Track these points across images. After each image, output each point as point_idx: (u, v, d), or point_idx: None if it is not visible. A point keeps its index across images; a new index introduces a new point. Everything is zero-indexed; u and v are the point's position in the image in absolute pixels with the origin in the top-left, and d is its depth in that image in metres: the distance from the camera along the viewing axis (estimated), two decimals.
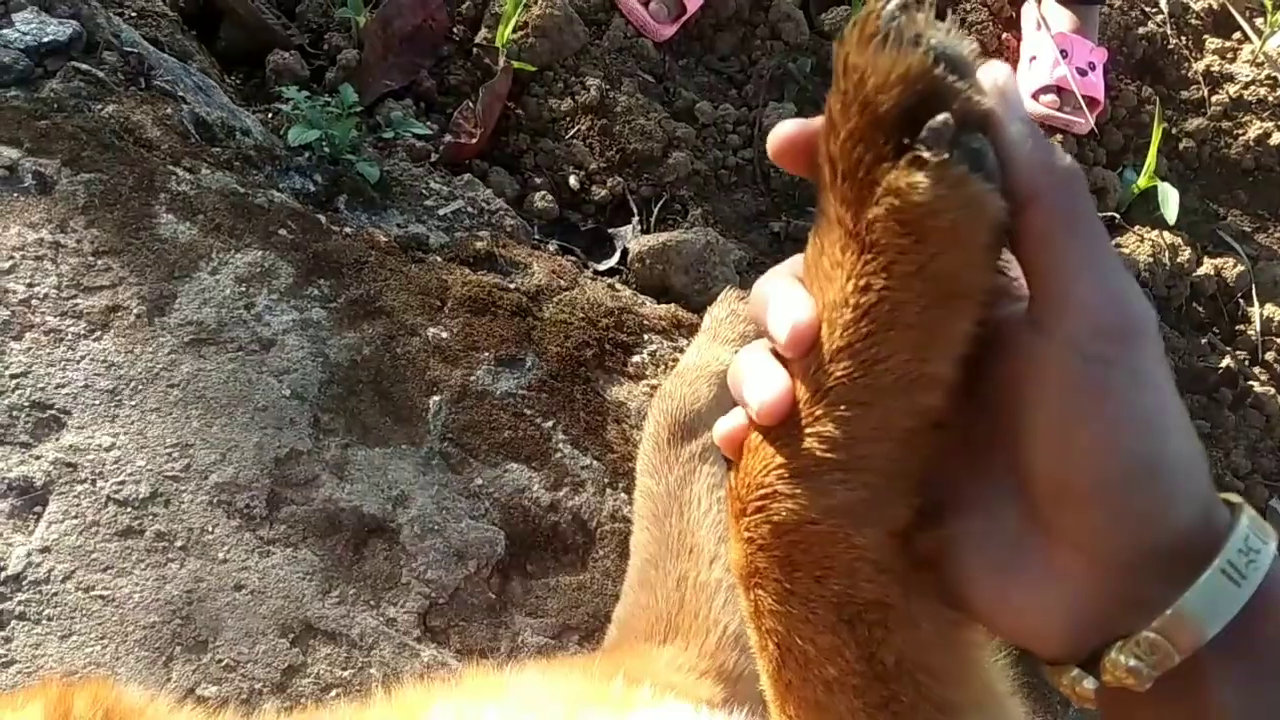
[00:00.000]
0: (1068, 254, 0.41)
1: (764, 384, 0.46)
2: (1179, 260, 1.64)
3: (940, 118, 0.40)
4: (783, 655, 0.48)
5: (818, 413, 0.45)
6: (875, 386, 0.44)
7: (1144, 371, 0.40)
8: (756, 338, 0.50)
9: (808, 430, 0.46)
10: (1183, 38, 1.87)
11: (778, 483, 0.47)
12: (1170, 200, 1.66)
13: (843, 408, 0.45)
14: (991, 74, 0.42)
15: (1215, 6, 1.90)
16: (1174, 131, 1.78)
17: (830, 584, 0.46)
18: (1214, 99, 1.82)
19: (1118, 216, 1.67)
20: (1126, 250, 1.62)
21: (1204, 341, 1.61)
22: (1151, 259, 1.61)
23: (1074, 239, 0.40)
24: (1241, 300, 1.67)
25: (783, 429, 0.47)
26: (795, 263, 0.48)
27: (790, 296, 0.46)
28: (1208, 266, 1.66)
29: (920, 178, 0.40)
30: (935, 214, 0.41)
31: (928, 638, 0.47)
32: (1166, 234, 1.66)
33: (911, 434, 0.44)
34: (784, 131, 0.46)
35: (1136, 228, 1.67)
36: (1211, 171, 1.79)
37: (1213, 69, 1.84)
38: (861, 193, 0.42)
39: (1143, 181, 1.67)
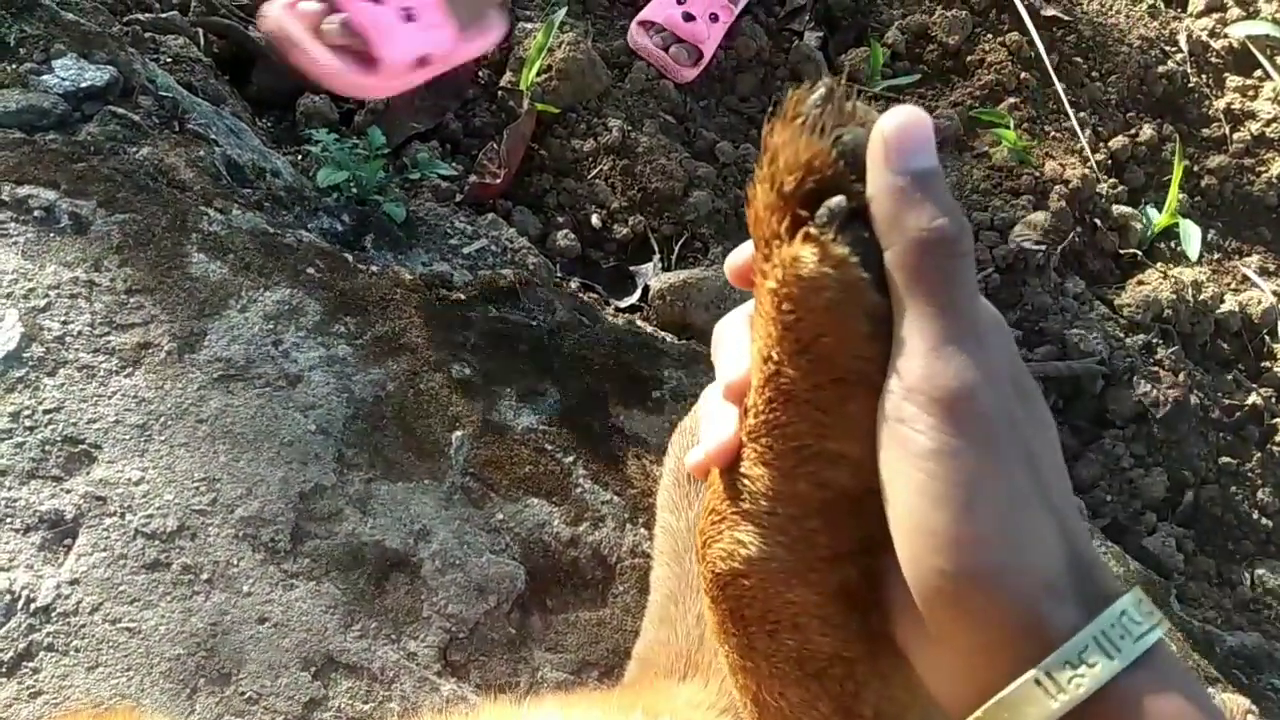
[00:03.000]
0: (903, 312, 0.40)
1: (714, 427, 0.47)
2: (1202, 297, 1.63)
3: (835, 200, 0.42)
4: (760, 710, 0.48)
5: (744, 466, 0.47)
6: (780, 452, 0.45)
7: (949, 443, 0.38)
8: None
9: (735, 480, 0.47)
10: (1203, 76, 1.87)
11: (710, 529, 0.48)
12: (1192, 237, 1.66)
13: (758, 466, 0.46)
14: (884, 123, 0.41)
15: (1235, 45, 1.91)
16: (1195, 169, 1.78)
17: (783, 639, 0.46)
18: (1235, 136, 1.82)
19: (1139, 254, 1.67)
20: (1148, 288, 1.62)
21: (1229, 378, 1.60)
22: (1174, 296, 1.61)
23: (912, 299, 0.40)
24: (1267, 336, 1.66)
25: (724, 476, 0.48)
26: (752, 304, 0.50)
27: (733, 344, 0.48)
28: (1231, 303, 1.66)
29: (807, 251, 0.42)
30: (816, 290, 0.42)
31: (903, 694, 0.47)
32: (1189, 271, 1.66)
33: (825, 504, 0.44)
34: (732, 261, 0.49)
35: (1159, 265, 1.67)
36: (1234, 208, 1.79)
37: (1234, 106, 1.84)
38: (765, 265, 0.44)
39: (1164, 219, 1.67)
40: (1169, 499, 1.46)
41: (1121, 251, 1.67)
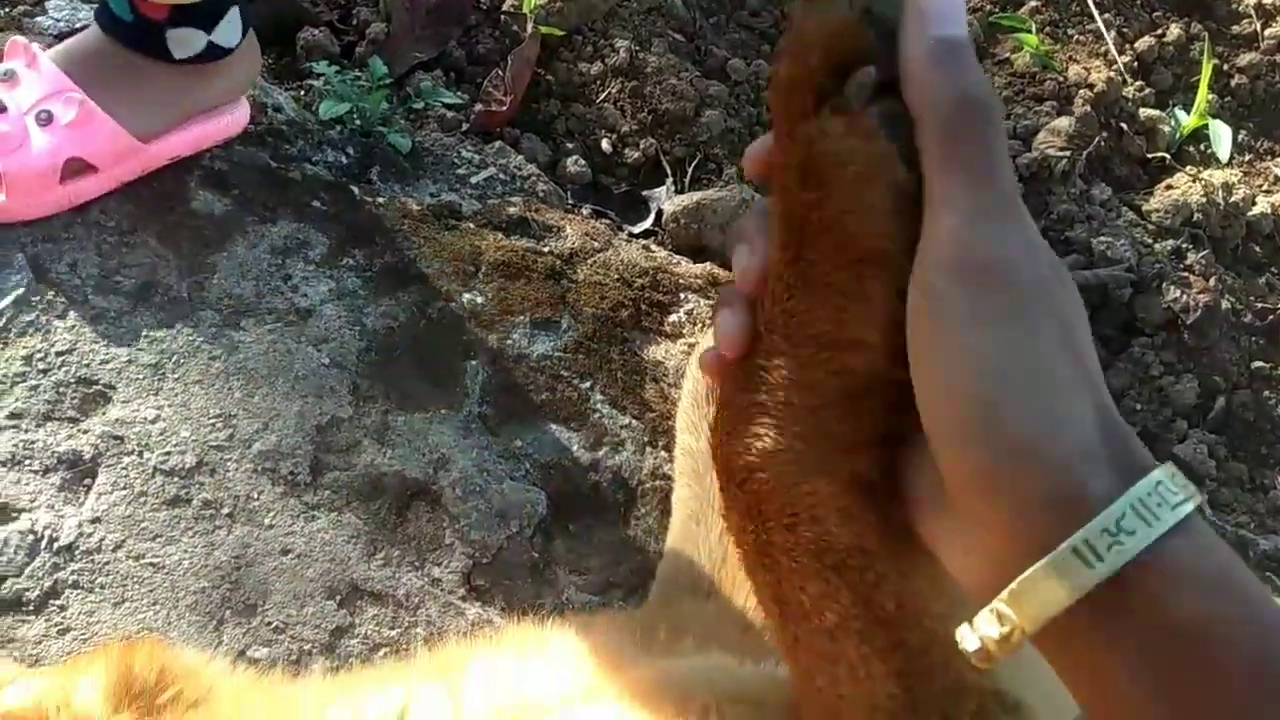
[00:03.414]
0: (935, 184, 0.39)
1: (729, 320, 0.46)
2: (1233, 199, 1.58)
3: (863, 71, 0.42)
4: (781, 609, 0.47)
5: (758, 359, 0.46)
6: (798, 340, 0.44)
7: (981, 313, 0.38)
8: None
9: (751, 374, 0.46)
10: None
11: (726, 424, 0.47)
12: (1223, 138, 1.61)
13: (774, 357, 0.45)
14: None
15: None
16: (1225, 68, 1.72)
17: (801, 531, 0.45)
18: (1267, 33, 1.75)
19: (1168, 158, 1.62)
20: (1177, 192, 1.57)
21: (1261, 282, 1.56)
22: (1204, 199, 1.56)
23: (946, 170, 0.39)
24: None
25: (739, 369, 0.47)
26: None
27: (752, 235, 0.47)
28: (1263, 205, 1.61)
29: (834, 124, 0.41)
30: (843, 164, 0.41)
31: (926, 587, 0.46)
32: (1219, 173, 1.60)
33: (843, 392, 0.43)
34: (751, 152, 0.47)
35: (1188, 168, 1.61)
36: (1265, 107, 1.72)
37: (1264, 1, 1.77)
38: (789, 143, 0.44)
39: (1193, 121, 1.61)
40: (1200, 405, 1.43)
41: (1149, 156, 1.62)
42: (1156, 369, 1.44)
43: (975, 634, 0.40)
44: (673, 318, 1.22)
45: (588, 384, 1.13)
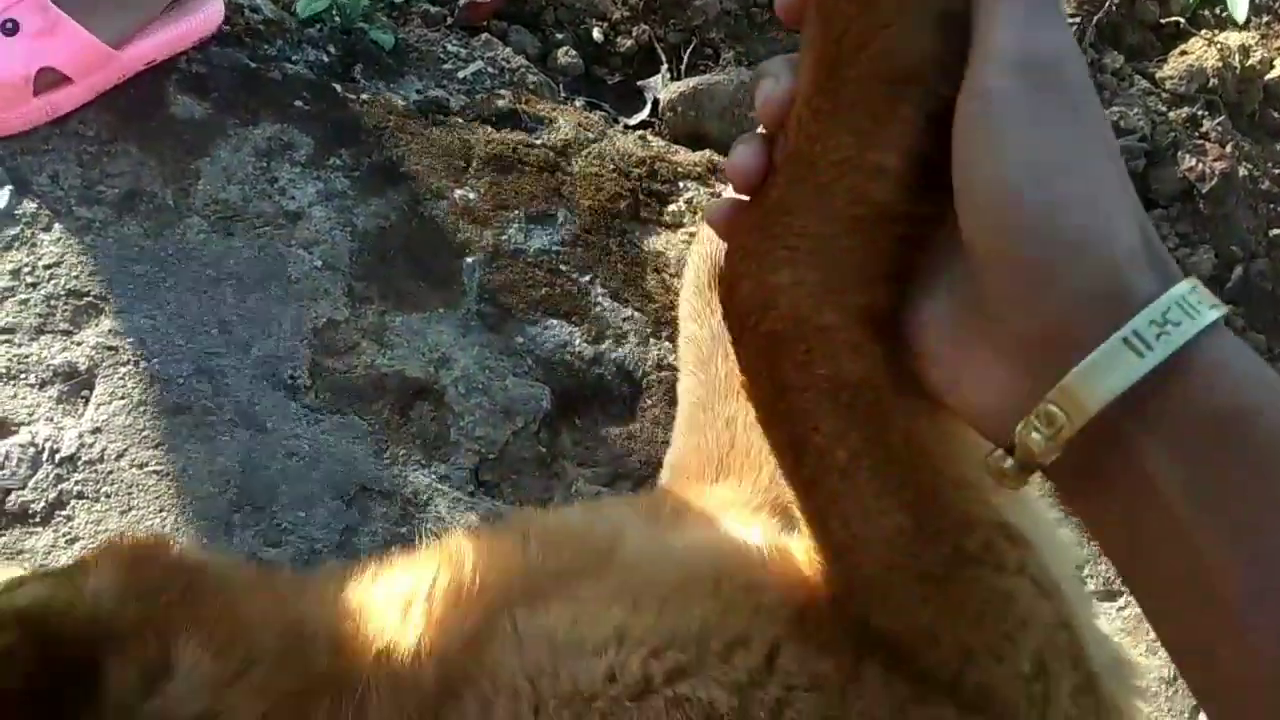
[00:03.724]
0: (996, 5, 0.40)
1: (742, 152, 0.47)
2: (1250, 63, 1.52)
3: None
4: (795, 452, 0.48)
5: (773, 192, 0.46)
6: (818, 165, 0.44)
7: (1042, 110, 0.38)
8: None
9: (762, 208, 0.46)
10: None
11: (739, 266, 0.47)
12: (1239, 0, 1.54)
13: (791, 185, 0.45)
14: None
15: None
16: None
17: (814, 369, 0.46)
18: None
19: (1182, 22, 1.55)
20: (1192, 57, 1.52)
21: (1279, 148, 1.51)
22: (1220, 64, 1.50)
23: None
24: None
25: (751, 208, 0.47)
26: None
27: (778, 68, 0.47)
28: None
29: None
30: None
31: (928, 424, 0.47)
32: (1235, 36, 1.54)
33: (860, 221, 0.44)
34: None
35: (1202, 32, 1.55)
36: None
37: None
38: None
39: None
40: (1217, 276, 1.40)
41: (1162, 21, 1.55)
42: (1172, 240, 1.40)
43: (1022, 440, 0.39)
44: (672, 207, 1.19)
45: (587, 277, 1.11)
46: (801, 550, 0.56)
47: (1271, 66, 1.56)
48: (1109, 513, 0.39)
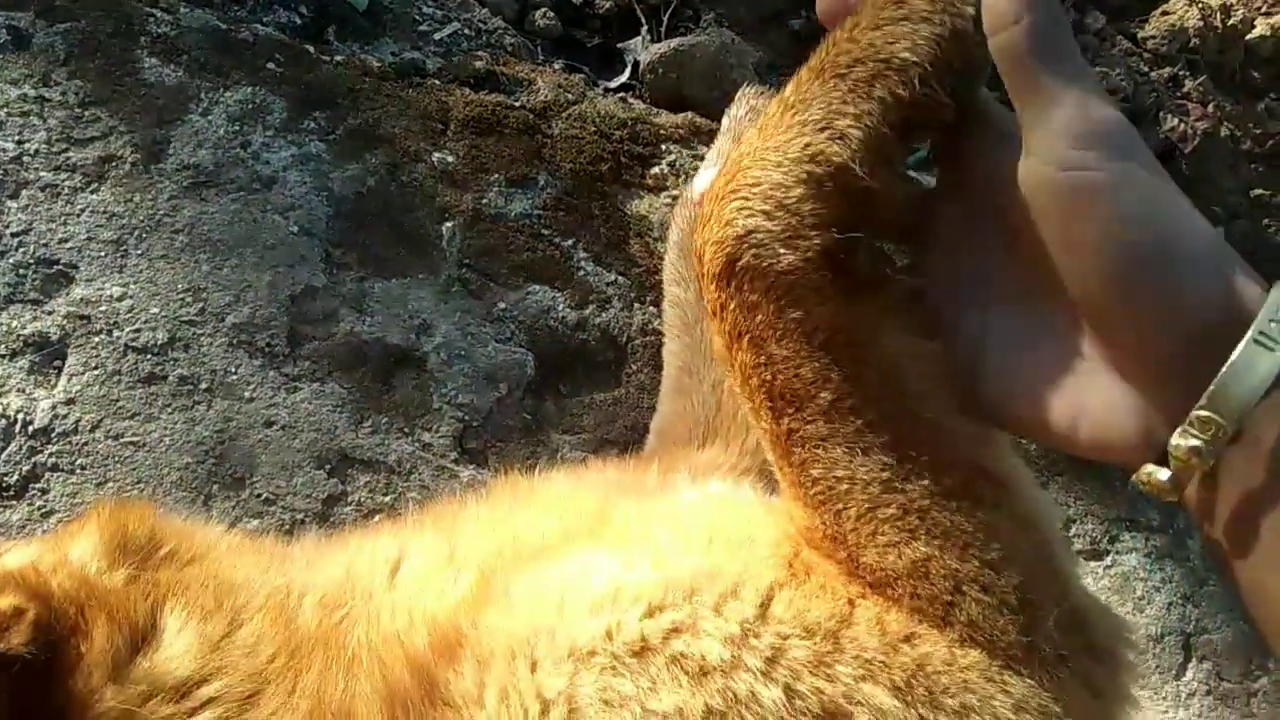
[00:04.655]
0: (1045, 76, 0.44)
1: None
2: (1231, 22, 1.52)
3: None
4: (775, 402, 0.50)
5: (743, 147, 0.50)
6: (785, 124, 0.49)
7: (1126, 171, 0.44)
8: None
9: (731, 161, 0.51)
10: None
11: (704, 228, 0.51)
12: None
13: (757, 136, 0.50)
14: None
15: None
16: None
17: (788, 314, 0.49)
18: None
19: None
20: (1173, 17, 1.51)
21: (1260, 108, 1.50)
22: (1201, 23, 1.50)
23: (1053, 61, 0.44)
24: None
25: (716, 177, 0.52)
26: None
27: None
28: (1263, 27, 1.54)
29: None
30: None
31: (906, 364, 0.50)
32: None
33: (819, 181, 0.48)
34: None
35: None
36: None
37: None
38: None
39: None
40: None
41: None
42: None
43: (1175, 448, 0.43)
44: (654, 170, 1.18)
45: (570, 241, 1.09)
46: (785, 509, 0.56)
47: (1253, 26, 1.55)
48: (1245, 522, 0.44)
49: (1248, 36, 1.53)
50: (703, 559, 0.55)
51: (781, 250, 0.48)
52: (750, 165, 0.49)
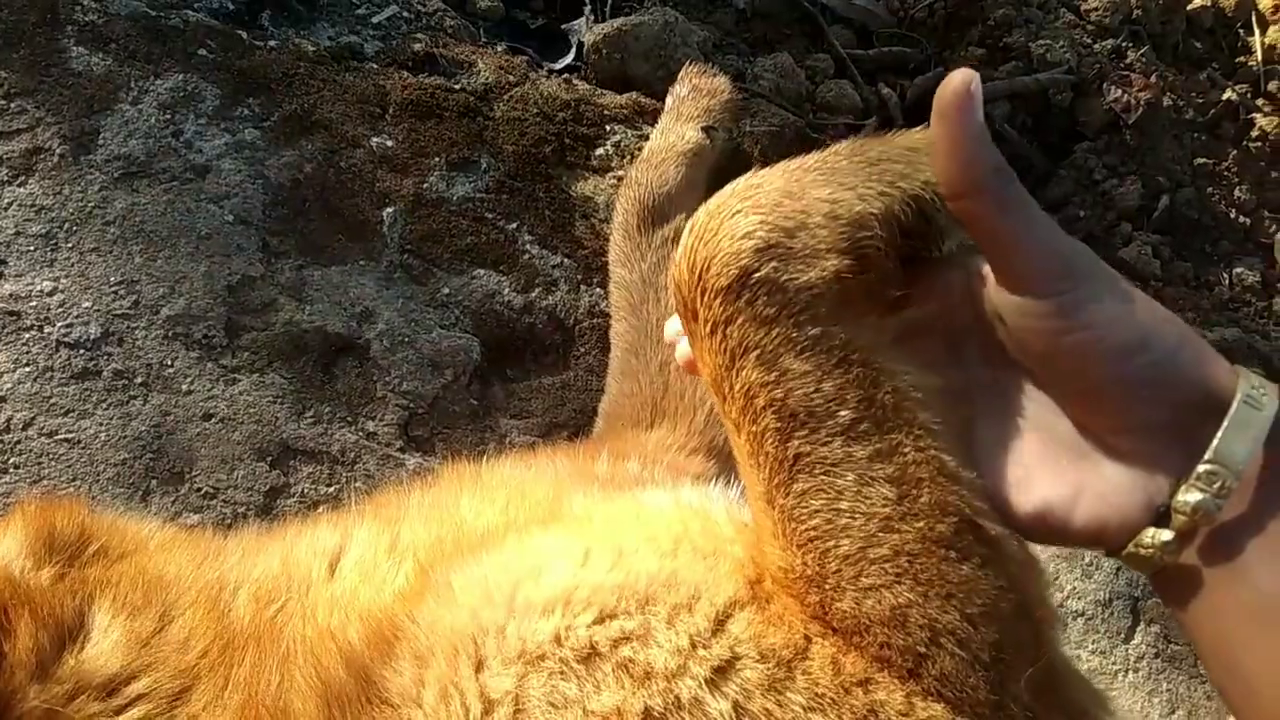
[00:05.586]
0: (1006, 229, 0.49)
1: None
2: None
3: None
4: (787, 422, 0.50)
5: (755, 178, 0.52)
6: (811, 175, 0.52)
7: (1098, 292, 0.48)
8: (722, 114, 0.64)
9: (743, 184, 0.52)
10: None
11: (710, 220, 0.51)
12: None
13: (779, 174, 0.52)
14: (953, 82, 0.49)
15: None
16: None
17: (806, 328, 0.49)
18: None
19: None
20: None
21: (1203, 77, 1.52)
22: None
23: (1010, 217, 0.49)
24: (1241, 31, 1.57)
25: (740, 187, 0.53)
26: None
27: None
28: None
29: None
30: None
31: (914, 394, 0.51)
32: None
33: (836, 217, 0.50)
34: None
35: None
36: None
37: None
38: None
39: None
40: (1144, 207, 1.41)
41: None
42: (1100, 173, 1.41)
43: (1180, 505, 0.47)
44: (599, 151, 1.17)
45: (514, 224, 1.08)
46: (757, 540, 0.55)
47: None
48: (1244, 581, 0.47)
49: (1189, 7, 1.54)
50: (665, 563, 0.54)
51: (801, 266, 0.49)
52: (769, 188, 0.50)
